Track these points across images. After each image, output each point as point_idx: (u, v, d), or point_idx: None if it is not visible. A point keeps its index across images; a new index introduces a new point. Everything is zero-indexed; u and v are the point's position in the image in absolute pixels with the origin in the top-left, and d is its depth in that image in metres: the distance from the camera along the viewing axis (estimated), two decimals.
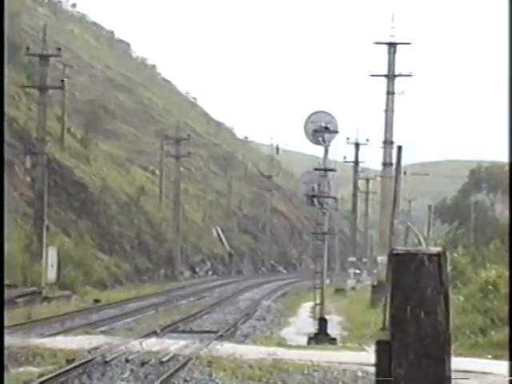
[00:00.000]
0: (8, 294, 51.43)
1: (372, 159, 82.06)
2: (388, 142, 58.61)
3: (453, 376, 6.04)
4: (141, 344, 31.97)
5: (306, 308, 53.73)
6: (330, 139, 40.57)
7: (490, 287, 44.67)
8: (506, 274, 46.14)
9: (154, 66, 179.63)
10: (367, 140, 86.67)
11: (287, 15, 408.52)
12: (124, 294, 61.39)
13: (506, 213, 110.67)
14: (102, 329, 38.48)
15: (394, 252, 6.23)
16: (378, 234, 72.75)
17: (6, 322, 38.31)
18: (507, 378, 27.10)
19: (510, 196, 32.21)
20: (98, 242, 77.27)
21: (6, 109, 72.99)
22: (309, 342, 36.70)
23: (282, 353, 30.75)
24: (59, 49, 63.56)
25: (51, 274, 58.70)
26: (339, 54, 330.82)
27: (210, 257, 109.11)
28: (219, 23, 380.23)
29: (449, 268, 6.13)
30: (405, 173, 45.19)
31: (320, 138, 39.74)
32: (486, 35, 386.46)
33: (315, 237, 48.92)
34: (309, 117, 39.78)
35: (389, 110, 58.59)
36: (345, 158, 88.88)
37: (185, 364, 27.13)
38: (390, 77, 58.32)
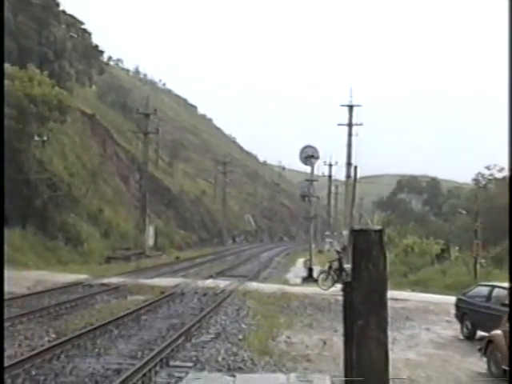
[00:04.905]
0: (125, 253, 51.49)
1: (340, 174, 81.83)
2: (349, 164, 58.35)
3: (388, 302, 5.99)
4: (203, 283, 32.06)
5: (300, 262, 53.61)
6: (315, 162, 40.52)
7: (409, 249, 44.65)
8: (419, 240, 46.05)
9: (210, 119, 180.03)
10: (336, 162, 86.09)
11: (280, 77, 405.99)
12: (193, 254, 61.46)
13: (418, 205, 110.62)
14: (181, 274, 38.52)
15: (353, 229, 6.21)
16: (343, 218, 72.58)
17: (126, 269, 38.47)
18: (418, 302, 27.10)
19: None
20: (178, 223, 77.38)
21: (125, 145, 73.38)
22: (302, 282, 36.61)
23: (286, 288, 30.75)
24: (155, 110, 63.79)
25: (150, 242, 58.86)
26: (320, 109, 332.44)
27: (244, 232, 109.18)
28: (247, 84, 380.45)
29: (385, 238, 6.10)
30: (359, 182, 45.07)
31: (308, 162, 39.67)
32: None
33: (306, 220, 49.06)
34: (302, 149, 39.67)
35: (349, 145, 58.33)
36: (323, 173, 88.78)
37: (229, 295, 27.16)
38: (350, 125, 58.05)
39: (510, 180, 32.44)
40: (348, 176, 57.27)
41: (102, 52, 67.00)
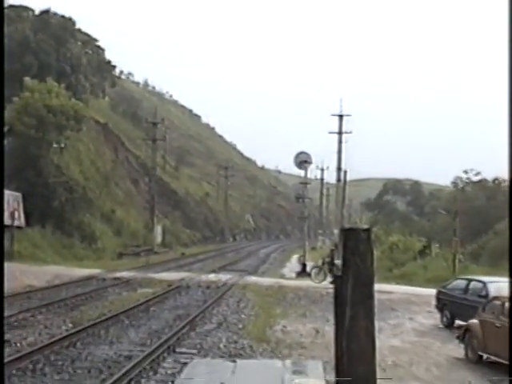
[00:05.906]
0: (135, 250, 51.40)
1: (331, 177, 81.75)
2: (339, 168, 58.15)
3: (375, 294, 6.01)
4: (206, 277, 32.05)
5: (295, 258, 53.33)
6: (308, 167, 40.50)
7: (394, 246, 44.55)
8: (403, 238, 45.97)
9: (213, 128, 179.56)
10: (328, 167, 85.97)
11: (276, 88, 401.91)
12: (197, 250, 61.42)
13: (403, 206, 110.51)
14: (186, 268, 38.48)
15: (343, 228, 6.22)
16: (334, 218, 72.51)
17: (137, 264, 38.41)
18: (402, 294, 27.09)
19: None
20: (184, 223, 77.27)
21: (135, 151, 73.27)
22: (296, 276, 36.57)
23: (283, 282, 30.76)
24: (162, 119, 63.92)
25: (158, 239, 58.83)
26: (313, 118, 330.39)
27: (244, 230, 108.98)
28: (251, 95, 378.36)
29: (372, 236, 6.12)
30: (348, 185, 45.15)
31: (302, 166, 39.64)
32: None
33: (300, 219, 48.95)
34: (296, 154, 39.63)
35: (339, 151, 58.12)
36: (316, 176, 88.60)
37: (230, 288, 27.17)
38: (340, 133, 57.84)
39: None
40: (338, 179, 57.20)
41: (114, 66, 66.81)
